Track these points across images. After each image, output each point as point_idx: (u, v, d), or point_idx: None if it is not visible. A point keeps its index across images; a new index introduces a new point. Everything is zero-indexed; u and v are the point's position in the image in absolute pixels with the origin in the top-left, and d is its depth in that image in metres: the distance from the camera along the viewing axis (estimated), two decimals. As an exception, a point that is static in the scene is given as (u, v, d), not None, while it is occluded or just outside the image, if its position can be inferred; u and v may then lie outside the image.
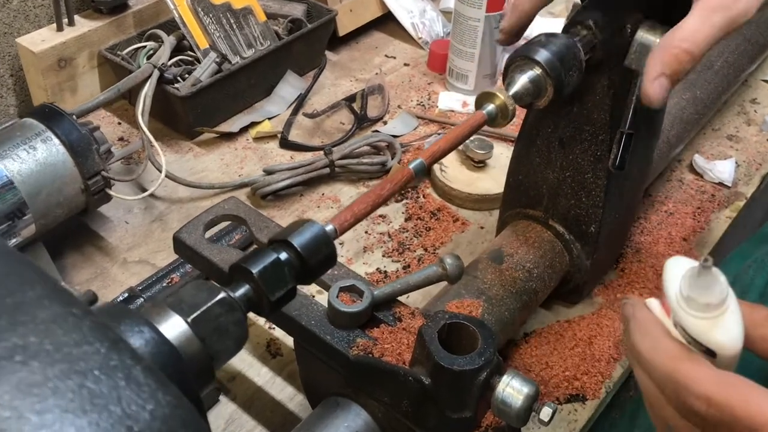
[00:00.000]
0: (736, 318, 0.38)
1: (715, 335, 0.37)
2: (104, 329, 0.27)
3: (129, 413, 0.25)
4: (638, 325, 0.40)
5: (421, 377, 0.53)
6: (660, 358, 0.38)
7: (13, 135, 0.73)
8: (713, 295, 0.37)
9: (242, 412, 0.69)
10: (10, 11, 0.94)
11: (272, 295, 0.38)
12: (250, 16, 1.02)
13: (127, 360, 0.26)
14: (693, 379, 0.36)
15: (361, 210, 0.44)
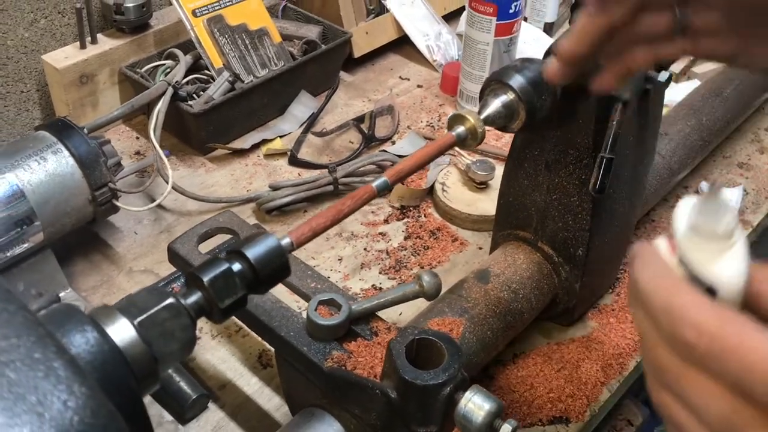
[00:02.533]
0: (741, 255, 0.36)
1: (716, 269, 0.36)
2: (35, 325, 0.29)
3: (43, 402, 0.27)
4: (641, 260, 0.38)
5: (388, 391, 0.55)
6: (658, 290, 0.36)
7: (27, 146, 0.77)
8: (720, 223, 0.35)
9: (229, 420, 0.71)
10: (38, 30, 0.99)
11: (222, 302, 0.40)
12: (266, 37, 1.06)
13: (50, 354, 0.28)
14: (688, 308, 0.35)
15: (320, 224, 0.46)
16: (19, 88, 1.01)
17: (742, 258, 0.36)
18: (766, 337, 0.33)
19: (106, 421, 0.28)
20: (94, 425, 0.28)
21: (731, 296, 0.36)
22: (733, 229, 0.36)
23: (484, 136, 0.54)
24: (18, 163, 0.75)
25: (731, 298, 0.36)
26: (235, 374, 0.75)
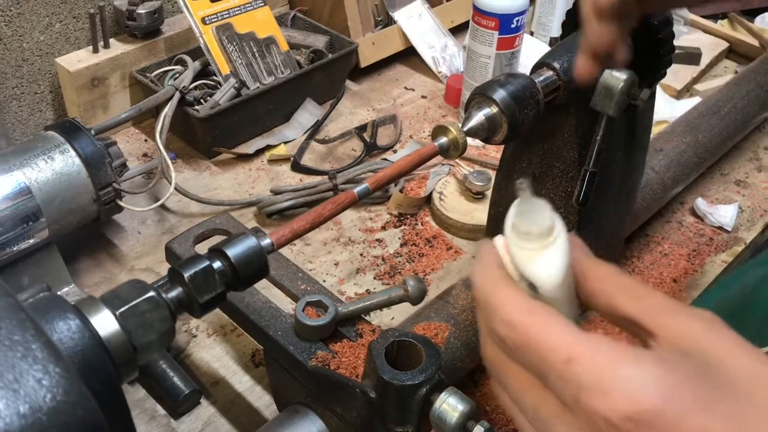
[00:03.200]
0: (559, 254, 0.38)
1: (534, 267, 0.37)
2: (16, 310, 0.32)
3: (19, 380, 0.29)
4: (478, 257, 0.40)
5: (368, 390, 0.57)
6: (482, 285, 0.39)
7: (35, 146, 0.80)
8: (535, 223, 0.37)
9: (220, 416, 0.73)
10: (53, 33, 1.02)
11: (201, 297, 0.42)
12: (273, 45, 1.09)
13: (29, 336, 0.31)
14: (502, 303, 0.37)
15: (301, 227, 0.48)
16: (33, 90, 1.04)
17: (560, 255, 0.38)
18: (564, 330, 0.36)
19: (77, 400, 0.30)
20: (66, 403, 0.30)
21: (550, 292, 0.38)
22: (550, 228, 0.37)
23: (465, 147, 0.56)
24: (26, 162, 0.78)
25: (551, 293, 0.38)
26: (228, 372, 0.78)
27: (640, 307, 0.37)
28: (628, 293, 0.38)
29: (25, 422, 0.28)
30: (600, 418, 0.33)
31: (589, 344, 0.35)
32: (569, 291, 0.40)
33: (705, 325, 0.36)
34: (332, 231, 0.95)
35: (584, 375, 0.34)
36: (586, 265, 0.40)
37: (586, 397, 0.33)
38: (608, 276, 0.40)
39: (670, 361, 0.34)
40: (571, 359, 0.34)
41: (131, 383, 0.75)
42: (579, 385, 0.34)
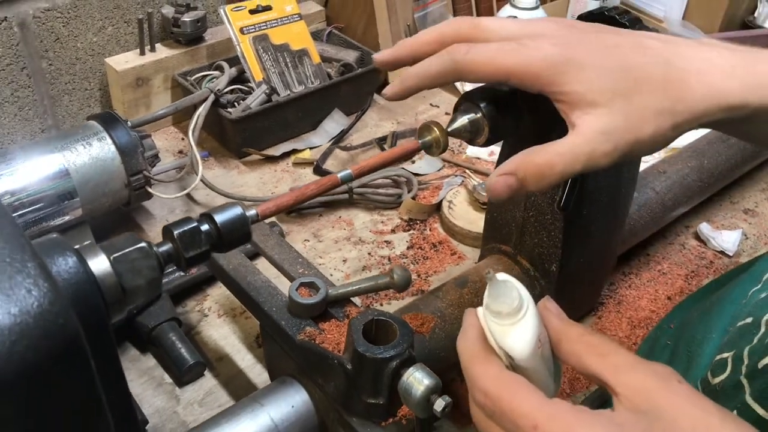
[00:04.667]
0: (528, 327, 0.43)
1: (507, 340, 0.44)
2: (18, 236, 0.38)
3: (13, 288, 0.36)
4: (463, 326, 0.47)
5: (344, 362, 0.62)
6: (463, 355, 0.45)
7: (77, 132, 0.88)
8: (504, 304, 0.43)
9: (221, 388, 0.79)
10: (105, 36, 1.12)
11: (186, 253, 0.48)
12: (306, 57, 1.16)
13: (26, 256, 0.37)
14: (478, 375, 0.43)
15: (284, 202, 0.54)
16: (83, 86, 1.13)
17: (530, 329, 0.44)
18: (531, 400, 0.41)
19: (59, 311, 0.36)
20: (50, 312, 0.36)
21: (523, 360, 0.44)
22: (518, 307, 0.43)
23: (447, 146, 0.61)
24: (67, 146, 0.86)
25: (524, 362, 0.44)
26: (233, 350, 0.84)
27: (605, 364, 0.43)
28: (595, 351, 0.44)
29: (14, 321, 0.35)
30: None
31: (551, 411, 0.41)
32: (543, 357, 0.46)
33: (660, 383, 0.41)
34: (345, 231, 1.01)
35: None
36: (560, 329, 0.46)
37: None
38: (578, 337, 0.46)
39: (624, 422, 0.40)
40: (537, 426, 0.40)
41: (143, 352, 0.82)
42: None
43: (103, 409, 0.43)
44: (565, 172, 0.50)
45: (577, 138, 0.49)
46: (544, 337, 0.46)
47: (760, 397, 0.54)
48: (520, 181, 0.51)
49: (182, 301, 0.88)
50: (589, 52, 0.49)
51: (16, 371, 0.35)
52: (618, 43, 0.50)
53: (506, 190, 0.51)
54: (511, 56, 0.50)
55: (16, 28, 1.02)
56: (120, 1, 1.11)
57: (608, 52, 0.50)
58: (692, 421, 0.39)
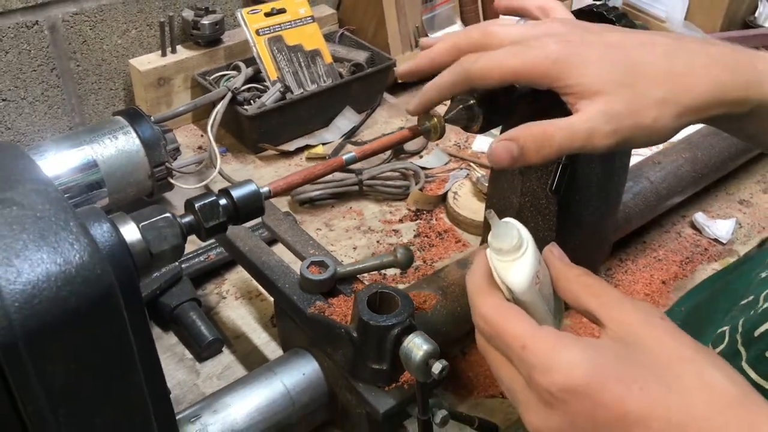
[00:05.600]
0: (526, 264, 0.48)
1: (507, 276, 0.48)
2: (62, 201, 0.44)
3: (58, 241, 0.41)
4: (472, 264, 0.51)
5: (351, 330, 0.67)
6: (470, 288, 0.50)
7: (104, 127, 0.95)
8: (504, 242, 0.47)
9: (238, 363, 0.85)
10: (129, 38, 1.18)
11: (206, 223, 0.54)
12: (318, 57, 1.22)
13: (69, 217, 0.43)
14: (480, 304, 0.48)
15: (295, 180, 0.59)
16: (109, 86, 1.20)
17: (528, 266, 0.48)
18: (523, 325, 0.46)
19: (97, 262, 0.42)
20: (90, 263, 0.42)
21: (522, 294, 0.48)
22: (518, 245, 0.48)
23: (444, 131, 0.67)
24: (95, 139, 0.93)
25: (523, 295, 0.48)
26: (249, 329, 0.89)
27: (597, 302, 0.48)
28: (590, 290, 0.49)
29: (59, 269, 0.41)
30: (544, 391, 0.44)
31: (539, 335, 0.45)
32: (542, 293, 0.50)
33: (642, 317, 0.46)
34: (355, 220, 1.06)
35: (533, 358, 0.44)
36: (560, 270, 0.51)
37: (535, 375, 0.44)
38: (576, 277, 0.50)
39: (604, 346, 0.45)
40: (525, 346, 0.45)
41: (165, 330, 0.88)
42: (530, 366, 0.44)
43: (134, 359, 0.48)
44: (563, 145, 0.52)
45: (579, 116, 0.52)
46: (544, 276, 0.51)
47: (755, 362, 0.58)
48: (520, 149, 0.52)
49: (202, 285, 0.94)
50: (594, 49, 0.53)
51: (62, 313, 0.41)
52: (623, 42, 0.54)
53: (507, 155, 0.53)
54: (518, 58, 0.54)
55: (47, 31, 1.09)
56: (143, 6, 1.17)
57: (613, 50, 0.53)
58: (668, 351, 0.43)
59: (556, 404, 0.43)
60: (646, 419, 0.41)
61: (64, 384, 0.42)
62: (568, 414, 0.43)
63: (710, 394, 0.41)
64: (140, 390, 0.49)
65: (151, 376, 0.52)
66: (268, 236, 0.92)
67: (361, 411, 0.69)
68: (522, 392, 0.46)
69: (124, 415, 0.48)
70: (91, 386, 0.44)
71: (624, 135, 0.52)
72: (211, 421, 0.67)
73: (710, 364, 0.43)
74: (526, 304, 0.49)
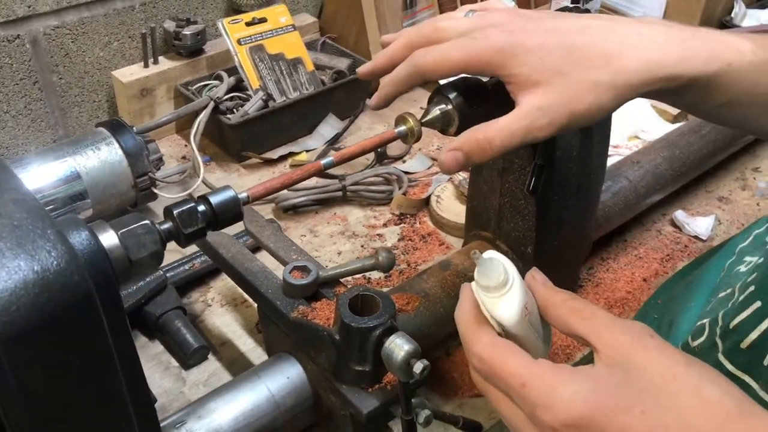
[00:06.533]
0: (515, 298, 0.49)
1: (497, 311, 0.49)
2: (39, 209, 0.45)
3: (35, 249, 0.42)
4: (460, 299, 0.52)
5: (333, 333, 0.68)
6: (461, 326, 0.51)
7: (86, 138, 0.95)
8: (491, 279, 0.48)
9: (224, 370, 0.85)
10: (111, 50, 1.19)
11: (185, 230, 0.55)
12: (300, 65, 1.23)
13: (46, 225, 0.44)
14: (473, 342, 0.49)
15: (274, 186, 0.60)
16: (92, 98, 1.20)
17: (516, 300, 0.49)
18: (519, 361, 0.47)
19: (75, 270, 0.43)
20: (67, 270, 0.42)
21: (512, 327, 0.49)
22: (504, 281, 0.49)
23: (420, 135, 0.67)
24: (78, 151, 0.93)
25: (513, 329, 0.49)
26: (235, 335, 0.90)
27: (587, 326, 0.49)
28: (578, 315, 0.50)
29: (37, 277, 0.41)
30: (548, 427, 0.44)
31: (537, 371, 0.46)
32: (531, 323, 0.51)
33: (633, 338, 0.46)
34: (339, 226, 1.07)
35: (533, 395, 0.45)
36: (546, 297, 0.52)
37: (537, 412, 0.45)
38: (562, 302, 0.51)
39: (600, 375, 0.45)
40: (524, 384, 0.46)
41: (151, 339, 0.88)
42: (532, 404, 0.45)
43: (114, 364, 0.49)
44: (504, 145, 0.56)
45: (516, 114, 0.56)
46: (531, 305, 0.51)
47: (730, 354, 0.59)
48: (466, 155, 0.57)
49: (187, 293, 0.95)
50: (534, 36, 0.56)
51: (39, 320, 0.41)
52: (561, 27, 0.57)
53: (454, 163, 0.58)
54: (464, 50, 0.57)
55: (28, 45, 1.10)
56: (124, 17, 1.18)
57: (551, 35, 0.56)
58: (660, 369, 0.44)
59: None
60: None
61: (43, 390, 0.43)
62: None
63: (708, 410, 0.42)
64: (121, 396, 0.50)
65: (134, 382, 0.53)
66: (251, 243, 0.93)
67: (345, 413, 0.70)
68: (525, 427, 0.47)
69: (105, 422, 0.49)
70: (71, 392, 0.45)
71: (560, 123, 0.55)
72: (196, 426, 0.67)
73: (705, 379, 0.44)
74: (518, 337, 0.50)
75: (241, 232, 0.96)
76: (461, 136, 0.59)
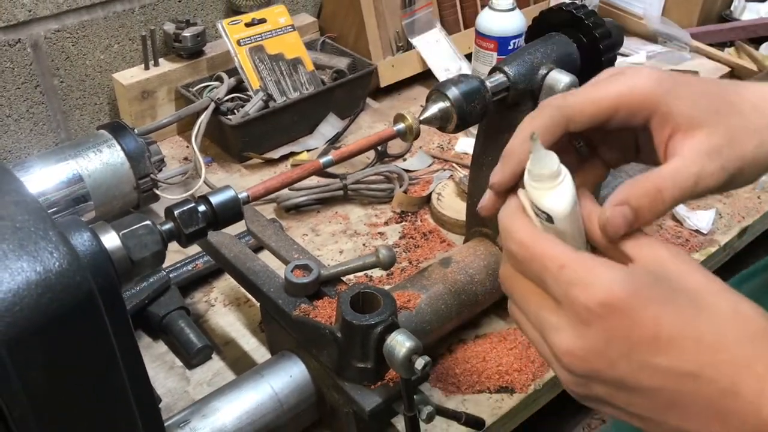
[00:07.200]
0: (567, 191, 0.46)
1: (546, 201, 0.46)
2: (41, 211, 0.45)
3: (37, 250, 0.42)
4: (506, 203, 0.50)
5: (335, 331, 0.68)
6: (503, 218, 0.49)
7: (88, 141, 0.96)
8: (546, 168, 0.46)
9: (227, 369, 0.86)
10: (111, 53, 1.19)
11: (186, 230, 0.55)
12: (300, 65, 1.23)
13: (48, 226, 0.44)
14: (516, 229, 0.47)
15: (273, 185, 0.60)
16: (93, 101, 1.21)
17: (567, 191, 0.47)
18: (560, 248, 0.45)
19: (76, 270, 0.43)
20: (69, 270, 0.43)
21: (561, 221, 0.47)
22: (558, 171, 0.46)
23: (419, 133, 0.68)
24: (80, 153, 0.94)
25: (561, 222, 0.47)
26: (238, 335, 0.90)
27: (627, 239, 0.47)
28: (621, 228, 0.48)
29: (40, 277, 0.42)
30: (582, 307, 0.43)
31: (578, 256, 0.45)
32: (577, 224, 0.49)
33: (673, 254, 0.46)
34: (341, 225, 1.07)
35: (572, 275, 0.44)
36: (590, 208, 0.50)
37: (572, 291, 0.43)
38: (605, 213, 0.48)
39: (639, 271, 0.44)
40: (564, 265, 0.44)
41: (155, 339, 0.89)
42: (568, 283, 0.44)
43: (117, 364, 0.49)
44: (676, 197, 0.48)
45: (682, 161, 0.48)
46: (578, 211, 0.49)
47: None
48: (634, 212, 0.47)
49: (190, 293, 0.95)
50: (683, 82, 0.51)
51: (42, 321, 0.42)
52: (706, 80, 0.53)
53: (623, 222, 0.47)
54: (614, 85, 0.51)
55: (29, 49, 1.10)
56: (124, 20, 1.18)
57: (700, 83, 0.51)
58: (699, 281, 0.44)
59: (593, 320, 0.43)
60: (679, 339, 0.41)
61: (47, 390, 0.43)
62: (604, 330, 0.43)
63: (742, 323, 0.42)
64: (125, 396, 0.50)
65: (137, 381, 0.53)
66: (253, 243, 0.93)
67: (348, 410, 0.70)
68: (553, 315, 0.45)
69: (108, 421, 0.49)
70: (74, 392, 0.45)
71: (730, 170, 0.48)
72: (201, 425, 0.68)
73: (743, 299, 0.44)
74: (564, 234, 0.48)
75: (243, 232, 0.96)
76: (624, 187, 0.48)
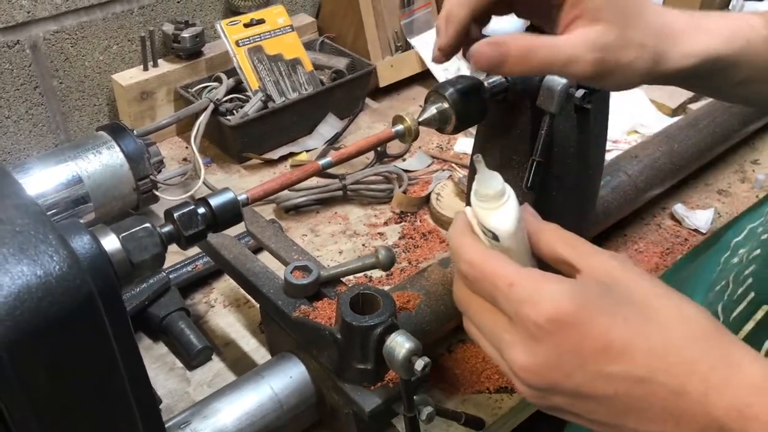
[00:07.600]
0: (511, 211, 0.48)
1: (492, 220, 0.48)
2: (41, 215, 0.45)
3: (37, 254, 0.43)
4: (454, 221, 0.52)
5: (335, 332, 0.69)
6: (453, 239, 0.50)
7: (87, 142, 0.96)
8: (490, 188, 0.48)
9: (228, 370, 0.86)
10: (110, 54, 1.19)
11: (186, 232, 0.55)
12: (299, 66, 1.23)
13: (48, 230, 0.44)
14: (465, 250, 0.48)
15: (272, 188, 0.60)
16: (92, 102, 1.21)
17: (511, 211, 0.49)
18: (509, 266, 0.47)
19: (77, 273, 0.43)
20: (69, 273, 0.43)
21: (506, 239, 0.49)
22: (502, 191, 0.48)
23: (417, 134, 0.68)
24: (79, 155, 0.94)
25: (506, 241, 0.49)
26: (238, 336, 0.90)
27: (574, 252, 0.49)
28: (566, 242, 0.50)
29: (40, 281, 0.42)
30: (531, 323, 0.44)
31: (525, 273, 0.46)
32: (522, 242, 0.51)
33: (618, 263, 0.47)
34: (340, 225, 1.07)
35: (521, 292, 0.45)
36: (536, 225, 0.52)
37: (522, 309, 0.44)
38: (551, 230, 0.51)
39: (587, 283, 0.46)
40: (512, 283, 0.46)
41: (155, 340, 0.89)
42: (518, 301, 0.45)
43: (117, 366, 0.49)
44: (545, 62, 0.54)
45: (568, 39, 0.54)
46: (522, 230, 0.51)
47: None
48: (504, 55, 0.53)
49: (190, 294, 0.95)
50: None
51: (42, 324, 0.42)
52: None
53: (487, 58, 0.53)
54: None
55: (28, 50, 1.10)
56: (123, 21, 1.18)
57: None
58: (644, 288, 0.45)
59: (543, 336, 0.44)
60: (629, 347, 0.42)
61: (47, 393, 0.43)
62: (555, 345, 0.43)
63: (687, 326, 0.43)
64: (125, 397, 0.51)
65: (137, 383, 0.53)
66: (253, 244, 0.93)
67: (348, 411, 0.70)
68: (506, 332, 0.46)
69: (109, 423, 0.49)
70: (75, 394, 0.45)
71: (604, 68, 0.54)
72: (201, 426, 0.68)
73: (685, 301, 0.45)
74: (510, 251, 0.49)
75: (243, 233, 0.96)
76: (505, 35, 0.54)
